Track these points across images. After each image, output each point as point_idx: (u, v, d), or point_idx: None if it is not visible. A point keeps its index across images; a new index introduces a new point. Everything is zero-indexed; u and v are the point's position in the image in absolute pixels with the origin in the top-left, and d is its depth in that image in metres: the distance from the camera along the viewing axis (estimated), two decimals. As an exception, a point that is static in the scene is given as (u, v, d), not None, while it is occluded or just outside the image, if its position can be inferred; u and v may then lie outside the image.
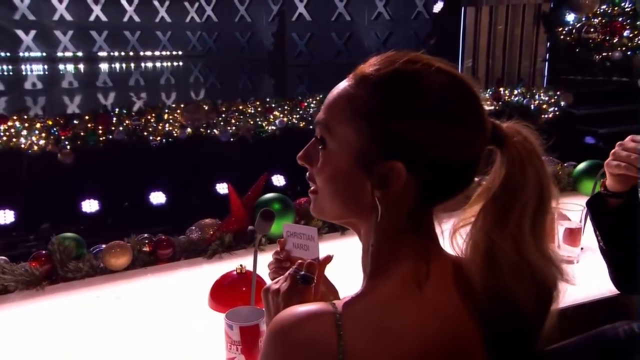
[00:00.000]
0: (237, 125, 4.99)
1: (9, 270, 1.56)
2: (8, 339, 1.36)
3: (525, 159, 0.81)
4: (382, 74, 0.82)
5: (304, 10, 9.24)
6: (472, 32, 8.60)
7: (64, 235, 1.67)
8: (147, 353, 1.27)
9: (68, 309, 1.49)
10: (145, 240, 1.74)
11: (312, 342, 0.76)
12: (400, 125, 0.80)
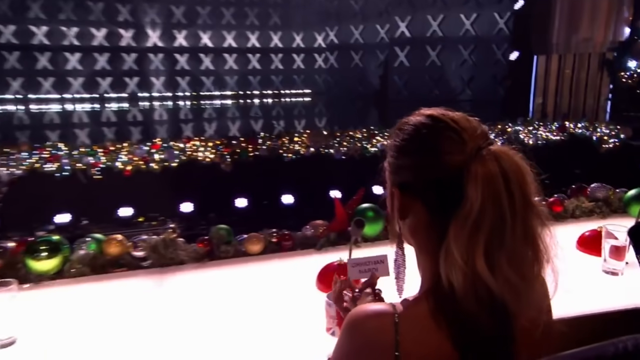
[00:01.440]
0: (348, 147, 5.05)
1: (184, 248, 1.62)
2: (182, 298, 1.41)
3: (484, 181, 0.68)
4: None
5: (404, 58, 9.14)
6: (543, 74, 8.16)
7: (219, 226, 1.71)
8: (271, 317, 1.28)
9: (221, 279, 1.53)
10: (274, 234, 1.76)
11: (373, 334, 0.73)
12: (390, 159, 0.81)
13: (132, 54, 7.28)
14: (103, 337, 1.20)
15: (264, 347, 1.15)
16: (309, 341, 1.15)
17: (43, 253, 1.45)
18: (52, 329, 1.23)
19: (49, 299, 1.39)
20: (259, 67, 8.07)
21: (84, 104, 7.19)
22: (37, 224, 4.08)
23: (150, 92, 7.42)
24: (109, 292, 1.43)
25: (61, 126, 6.85)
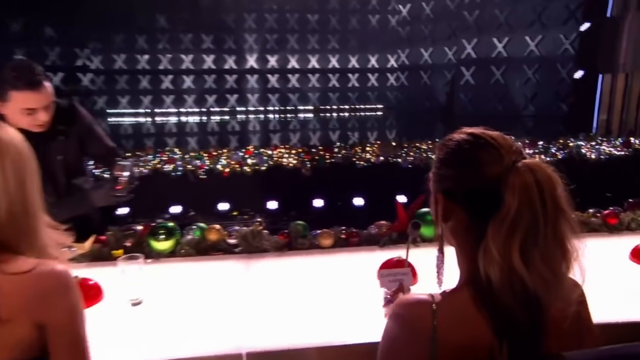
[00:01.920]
0: (414, 157, 4.99)
1: (268, 239, 1.71)
2: (264, 280, 1.49)
3: (521, 190, 0.69)
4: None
5: (469, 77, 8.83)
6: (608, 92, 7.52)
7: (297, 222, 1.78)
8: (337, 300, 1.34)
9: (297, 266, 1.59)
10: (343, 231, 1.80)
11: (413, 319, 0.75)
12: (434, 169, 0.83)
13: (233, 75, 7.70)
14: (201, 303, 1.34)
15: (331, 324, 1.22)
16: (368, 322, 1.19)
17: (162, 236, 1.64)
18: (167, 294, 1.39)
19: (165, 271, 1.55)
20: (338, 85, 8.19)
21: (194, 116, 7.71)
22: (157, 212, 4.48)
23: (247, 107, 7.81)
24: (208, 270, 1.57)
25: (177, 134, 7.42)
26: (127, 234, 1.68)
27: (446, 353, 0.72)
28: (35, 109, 1.60)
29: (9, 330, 0.77)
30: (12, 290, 0.78)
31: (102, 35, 7.25)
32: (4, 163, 0.81)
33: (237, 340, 1.15)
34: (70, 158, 1.82)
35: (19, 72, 1.55)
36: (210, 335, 1.18)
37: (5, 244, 0.81)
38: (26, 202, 0.84)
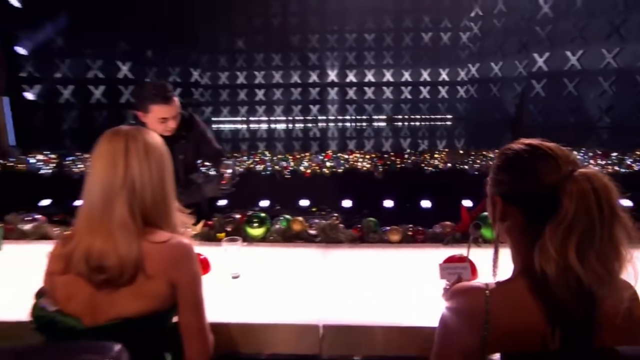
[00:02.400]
0: (481, 164, 4.79)
1: (343, 232, 1.76)
2: (339, 267, 1.54)
3: (578, 196, 0.68)
4: None
5: (540, 90, 8.20)
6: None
7: (369, 218, 1.82)
8: (402, 289, 1.36)
9: (368, 257, 1.62)
10: (410, 228, 1.81)
11: (467, 306, 0.76)
12: (493, 175, 0.83)
13: (316, 88, 7.91)
14: (286, 281, 1.44)
15: (396, 308, 1.25)
16: (428, 309, 1.21)
17: (255, 224, 1.78)
18: (259, 271, 1.50)
19: (257, 253, 1.67)
20: (410, 97, 8.04)
21: (281, 124, 8.03)
22: (249, 205, 4.77)
23: (327, 116, 7.97)
24: (292, 255, 1.67)
25: (267, 139, 7.79)
26: (228, 220, 1.85)
27: (498, 336, 0.72)
28: (167, 118, 1.83)
29: (152, 285, 0.92)
30: (155, 255, 0.93)
31: (211, 57, 7.85)
32: (149, 161, 0.96)
33: (315, 314, 1.23)
34: (188, 157, 2.04)
35: (156, 90, 1.79)
36: (292, 308, 1.27)
37: (150, 221, 0.96)
38: (164, 191, 0.98)
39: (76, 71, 6.60)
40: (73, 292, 0.91)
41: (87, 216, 0.93)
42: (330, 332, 1.17)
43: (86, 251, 0.89)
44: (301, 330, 1.18)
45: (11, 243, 1.77)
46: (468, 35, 7.89)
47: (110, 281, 0.89)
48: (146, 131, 1.01)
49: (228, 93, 8.07)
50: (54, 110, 6.50)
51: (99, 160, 0.94)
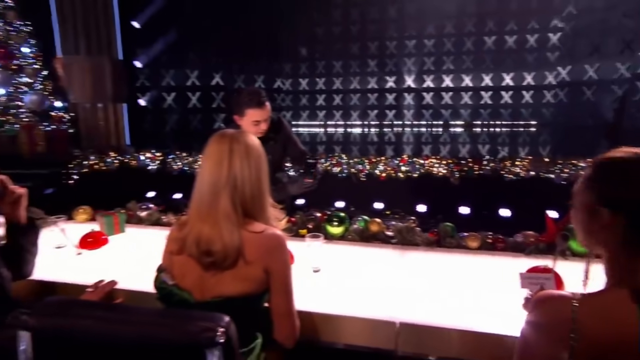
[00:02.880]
0: (570, 173, 4.39)
1: (420, 235, 1.76)
2: (416, 269, 1.52)
3: None
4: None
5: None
6: None
7: (446, 223, 1.79)
8: (479, 296, 1.31)
9: (444, 261, 1.60)
10: (489, 236, 1.74)
11: (552, 312, 0.73)
12: (589, 183, 0.78)
13: (392, 93, 7.85)
14: (363, 278, 1.47)
15: (472, 313, 1.23)
16: (506, 317, 1.17)
17: (335, 222, 1.85)
18: (338, 267, 1.56)
19: (336, 250, 1.74)
20: (490, 102, 7.59)
21: (357, 128, 8.09)
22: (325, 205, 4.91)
23: (403, 121, 7.86)
24: (369, 254, 1.71)
25: (343, 143, 7.89)
26: (309, 218, 1.94)
27: (588, 347, 0.69)
28: (260, 121, 2.00)
29: (250, 270, 1.03)
30: (253, 243, 1.03)
31: (292, 65, 8.19)
32: (249, 161, 1.06)
33: (391, 311, 1.25)
34: (276, 158, 2.18)
35: (252, 96, 1.97)
36: (369, 303, 1.31)
37: (248, 213, 1.06)
38: (261, 188, 1.09)
39: (178, 80, 7.35)
40: (186, 270, 1.03)
41: (197, 206, 1.05)
42: (406, 330, 1.19)
43: (197, 236, 1.02)
44: (378, 324, 1.21)
45: (131, 227, 2.04)
46: (558, 36, 7.24)
47: (216, 264, 1.01)
48: (247, 134, 1.13)
49: (307, 98, 8.34)
50: (160, 114, 7.29)
51: (208, 159, 1.05)
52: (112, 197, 2.73)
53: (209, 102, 7.58)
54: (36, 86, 5.87)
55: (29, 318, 0.70)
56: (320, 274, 1.52)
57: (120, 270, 1.51)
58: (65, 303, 0.74)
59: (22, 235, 1.37)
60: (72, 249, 1.70)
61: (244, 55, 7.39)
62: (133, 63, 6.77)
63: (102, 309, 0.72)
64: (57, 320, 0.69)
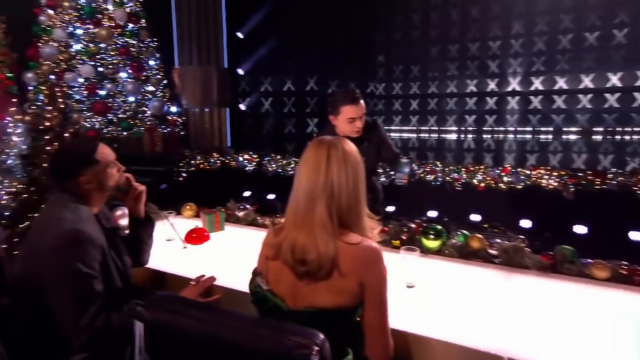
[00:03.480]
0: None
1: (530, 257, 1.55)
2: (524, 296, 1.35)
3: None
4: None
5: None
6: None
7: (563, 246, 1.56)
8: (605, 335, 1.12)
9: (562, 291, 1.41)
10: (624, 265, 1.46)
11: None
12: None
13: (494, 97, 7.27)
14: (462, 299, 1.34)
15: (599, 357, 1.05)
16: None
17: (432, 235, 1.73)
18: (434, 284, 1.45)
19: (432, 266, 1.62)
20: (617, 105, 6.56)
21: (452, 134, 7.67)
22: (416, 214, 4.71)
23: (505, 127, 7.23)
24: (468, 273, 1.56)
25: (437, 149, 7.54)
26: (403, 229, 1.85)
27: None
28: (355, 118, 1.98)
29: (345, 282, 0.99)
30: (348, 255, 0.99)
31: (386, 69, 8.09)
32: (347, 168, 1.03)
33: (495, 341, 1.11)
34: (370, 160, 2.13)
35: (346, 93, 1.99)
36: (470, 329, 1.18)
37: (344, 223, 1.03)
38: (358, 196, 1.05)
39: (275, 85, 7.77)
40: (281, 276, 1.02)
41: (293, 213, 1.03)
42: (516, 367, 1.04)
43: (292, 244, 1.01)
44: (481, 356, 1.08)
45: (230, 225, 2.17)
46: None
47: (310, 273, 0.99)
48: (345, 141, 1.09)
49: (400, 103, 8.14)
50: (257, 118, 7.76)
51: (305, 165, 1.03)
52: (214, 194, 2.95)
53: (304, 106, 7.87)
54: (158, 94, 6.67)
55: (143, 310, 0.75)
56: (414, 291, 1.42)
57: (219, 267, 1.59)
58: (173, 300, 0.78)
59: (141, 228, 1.53)
60: (179, 242, 1.85)
61: (337, 61, 7.52)
62: (236, 70, 7.32)
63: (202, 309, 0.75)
64: (165, 315, 0.73)
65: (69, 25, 6.19)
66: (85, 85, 6.21)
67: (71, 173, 1.29)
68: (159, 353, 0.77)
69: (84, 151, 1.31)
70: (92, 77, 6.19)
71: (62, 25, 6.17)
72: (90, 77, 6.18)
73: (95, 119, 6.30)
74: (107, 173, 1.35)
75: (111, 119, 6.38)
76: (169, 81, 6.77)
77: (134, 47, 6.45)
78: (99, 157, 1.33)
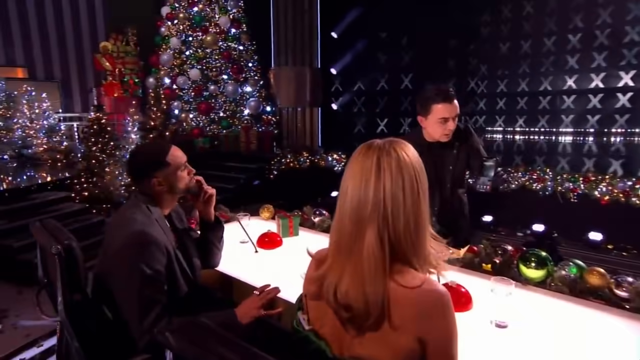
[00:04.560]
0: None
1: None
2: None
3: None
4: None
5: None
6: None
7: None
8: None
9: None
10: None
11: None
12: None
13: (627, 93, 6.12)
14: (574, 350, 1.05)
15: None
16: None
17: (533, 263, 1.42)
18: (534, 326, 1.18)
19: (533, 301, 1.33)
20: None
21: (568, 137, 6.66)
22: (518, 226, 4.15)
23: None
24: (583, 316, 1.23)
25: (547, 154, 6.64)
26: (497, 251, 1.56)
27: None
28: (448, 119, 1.74)
29: (397, 337, 0.76)
30: (404, 302, 0.76)
31: (490, 65, 7.37)
32: (404, 180, 0.78)
33: None
34: (457, 169, 1.88)
35: (438, 90, 1.75)
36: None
37: (401, 255, 0.78)
38: (418, 215, 0.79)
39: (368, 84, 7.59)
40: (324, 318, 0.84)
41: (337, 239, 0.82)
42: None
43: (336, 283, 0.80)
44: None
45: (305, 230, 2.09)
46: None
47: (354, 321, 0.79)
48: (403, 144, 0.83)
49: (505, 101, 7.34)
50: (349, 118, 7.69)
51: (351, 177, 0.80)
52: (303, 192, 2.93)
53: (397, 106, 7.57)
54: (255, 94, 7.02)
55: (170, 336, 0.68)
56: (506, 331, 1.16)
57: (287, 276, 1.51)
58: (205, 329, 0.69)
59: (211, 231, 1.53)
60: (251, 246, 1.83)
61: (434, 58, 7.08)
62: (330, 70, 7.34)
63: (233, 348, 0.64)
64: (191, 348, 0.65)
65: (182, 34, 6.85)
66: (193, 87, 6.81)
67: (144, 174, 1.31)
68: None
69: (155, 154, 1.33)
70: (198, 80, 6.76)
71: (177, 34, 6.85)
72: (197, 80, 6.76)
73: (200, 119, 6.88)
74: (178, 175, 1.36)
75: (213, 118, 6.90)
76: (265, 82, 7.08)
77: (235, 50, 6.88)
78: (169, 159, 1.33)
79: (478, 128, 7.49)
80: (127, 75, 7.01)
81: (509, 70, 7.11)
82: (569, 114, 6.63)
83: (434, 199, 1.87)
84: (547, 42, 6.69)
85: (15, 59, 8.45)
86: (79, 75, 9.02)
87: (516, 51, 6.98)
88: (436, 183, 1.86)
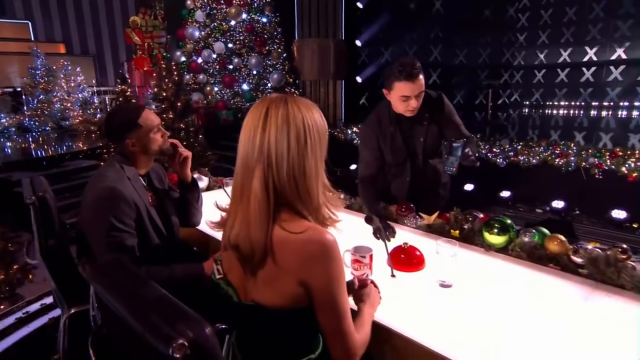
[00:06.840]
0: None
1: (630, 274, 1.14)
2: (615, 322, 1.04)
3: None
4: None
5: None
6: None
7: None
8: None
9: None
10: None
11: None
12: None
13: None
14: (521, 313, 1.07)
15: None
16: None
17: (495, 229, 1.42)
18: (477, 287, 1.20)
19: (485, 264, 1.34)
20: None
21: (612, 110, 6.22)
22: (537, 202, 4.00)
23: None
24: (538, 281, 1.24)
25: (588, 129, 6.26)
26: (467, 218, 1.56)
27: None
28: (409, 97, 1.70)
29: (283, 281, 0.81)
30: (287, 246, 0.80)
31: (529, 34, 6.93)
32: (289, 131, 0.80)
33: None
34: (428, 141, 1.84)
35: (402, 67, 1.67)
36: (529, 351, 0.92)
37: (287, 201, 0.82)
38: (304, 166, 0.82)
39: (395, 56, 7.36)
40: (231, 265, 0.89)
41: (233, 187, 0.87)
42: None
43: (230, 226, 0.85)
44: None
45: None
46: None
47: (244, 262, 0.84)
48: (298, 100, 0.85)
49: (544, 74, 6.91)
50: (374, 91, 7.54)
51: (243, 128, 0.84)
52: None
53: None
54: (278, 67, 7.05)
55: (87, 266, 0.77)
56: (450, 291, 1.19)
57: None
58: (119, 266, 0.78)
59: (189, 192, 1.63)
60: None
61: (467, 27, 6.73)
62: (355, 42, 7.19)
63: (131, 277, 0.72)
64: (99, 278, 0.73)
65: (207, 7, 6.94)
66: (217, 61, 6.94)
67: (118, 136, 1.42)
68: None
69: (128, 116, 1.43)
70: (223, 53, 6.87)
71: (202, 6, 6.95)
72: (222, 53, 6.88)
73: (224, 92, 7.03)
74: (150, 137, 1.45)
75: (237, 91, 7.03)
76: (289, 54, 7.07)
77: (258, 23, 6.89)
78: (141, 122, 1.43)
79: (513, 102, 7.13)
80: (155, 49, 7.25)
81: (550, 38, 6.66)
82: (616, 87, 6.16)
83: (405, 170, 1.86)
84: (595, 6, 6.18)
85: (54, 35, 8.95)
86: (112, 50, 9.43)
87: (559, 17, 6.51)
88: (407, 154, 1.84)
